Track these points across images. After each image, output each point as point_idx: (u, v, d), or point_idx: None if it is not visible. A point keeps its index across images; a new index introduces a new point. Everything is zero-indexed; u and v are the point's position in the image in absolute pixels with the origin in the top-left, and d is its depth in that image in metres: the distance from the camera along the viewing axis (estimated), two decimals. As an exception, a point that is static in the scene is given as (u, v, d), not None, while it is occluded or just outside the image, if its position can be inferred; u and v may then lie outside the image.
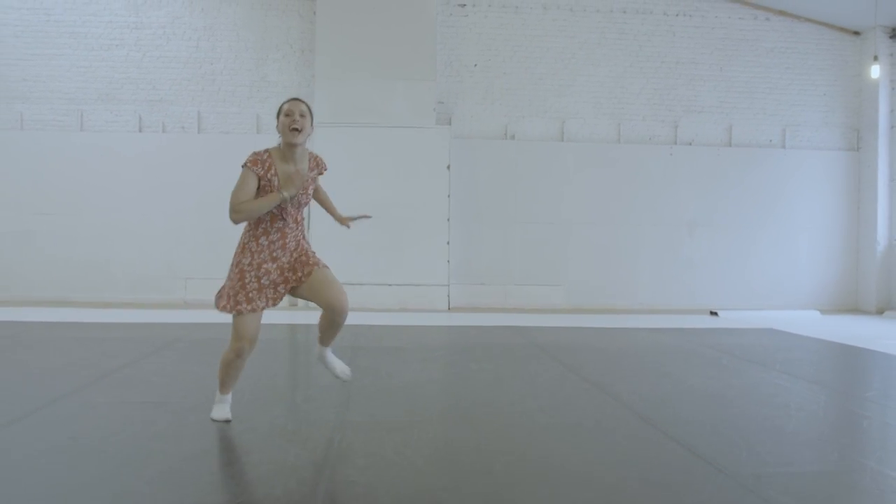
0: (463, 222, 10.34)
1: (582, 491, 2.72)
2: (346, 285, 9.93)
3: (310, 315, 8.81)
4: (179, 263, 10.35)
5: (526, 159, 10.53)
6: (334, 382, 4.81)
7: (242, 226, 3.42)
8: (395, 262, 9.92)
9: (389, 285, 9.92)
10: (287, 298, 9.91)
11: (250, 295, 3.31)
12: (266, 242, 3.36)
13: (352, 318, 8.40)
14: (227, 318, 3.38)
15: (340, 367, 3.74)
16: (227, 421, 3.50)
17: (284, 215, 3.37)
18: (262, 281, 3.35)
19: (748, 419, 3.91)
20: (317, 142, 9.91)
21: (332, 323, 3.49)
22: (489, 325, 8.20)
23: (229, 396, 3.56)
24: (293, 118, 3.37)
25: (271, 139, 10.39)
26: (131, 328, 7.41)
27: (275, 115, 3.51)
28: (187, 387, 4.52)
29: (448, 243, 10.01)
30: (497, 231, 10.48)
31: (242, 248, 3.39)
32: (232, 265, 3.41)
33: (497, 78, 10.62)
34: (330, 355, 3.71)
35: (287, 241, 3.41)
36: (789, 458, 3.22)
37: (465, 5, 10.62)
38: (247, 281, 3.33)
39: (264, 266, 3.36)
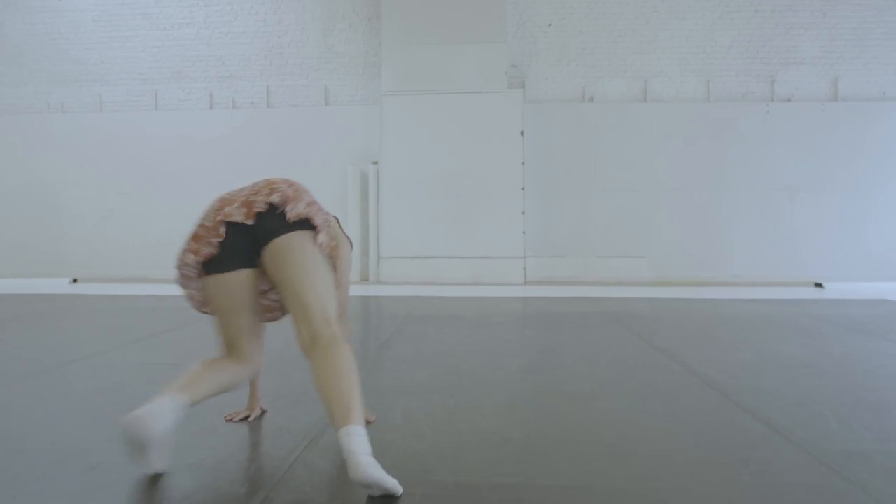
0: (538, 191, 9.78)
1: (616, 463, 2.21)
2: (416, 259, 9.63)
3: (368, 288, 8.47)
4: (252, 240, 10.25)
5: (605, 122, 9.85)
6: (368, 349, 4.44)
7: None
8: (467, 233, 9.48)
9: (462, 258, 9.49)
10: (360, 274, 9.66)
11: None
12: None
13: (419, 291, 8.07)
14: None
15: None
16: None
17: None
18: None
19: (844, 391, 3.25)
20: (385, 111, 9.59)
21: None
22: (561, 297, 7.65)
23: None
24: None
25: (340, 111, 10.21)
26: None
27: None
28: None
29: (523, 213, 9.48)
30: (575, 200, 9.87)
31: None
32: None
33: (573, 37, 9.96)
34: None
35: None
36: (891, 434, 2.58)
37: (538, -39, 10.01)
38: None
39: None
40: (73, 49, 10.74)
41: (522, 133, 9.48)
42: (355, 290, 8.45)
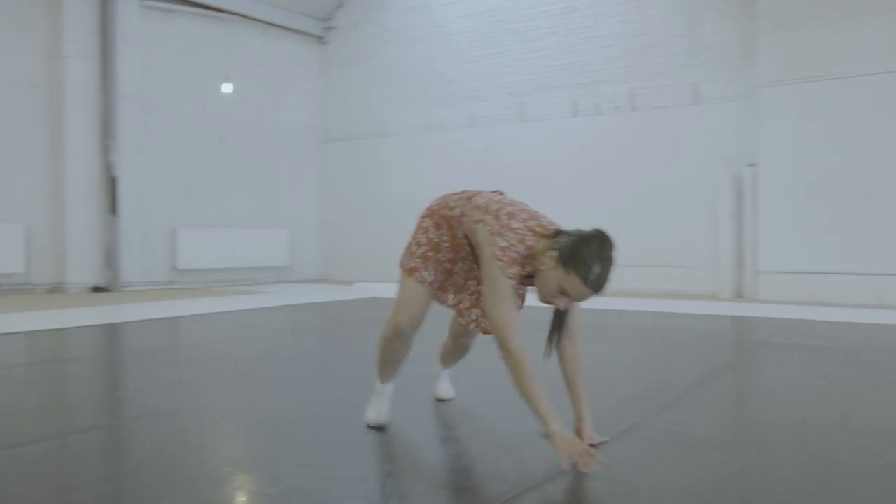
0: (969, 190, 7.83)
1: None
2: (800, 274, 8.37)
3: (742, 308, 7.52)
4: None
5: None
6: (686, 380, 3.77)
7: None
8: (867, 245, 7.95)
9: (860, 275, 8.01)
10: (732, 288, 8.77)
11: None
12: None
13: (799, 313, 6.98)
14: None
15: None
16: (380, 427, 2.81)
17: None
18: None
19: None
20: (763, 105, 8.55)
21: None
22: None
23: (389, 387, 2.90)
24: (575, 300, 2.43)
25: (709, 109, 9.35)
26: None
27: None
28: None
29: (945, 219, 7.68)
30: None
31: None
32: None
33: None
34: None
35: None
36: None
37: None
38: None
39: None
40: (450, 70, 11.51)
41: (945, 119, 7.67)
42: (724, 309, 7.66)
